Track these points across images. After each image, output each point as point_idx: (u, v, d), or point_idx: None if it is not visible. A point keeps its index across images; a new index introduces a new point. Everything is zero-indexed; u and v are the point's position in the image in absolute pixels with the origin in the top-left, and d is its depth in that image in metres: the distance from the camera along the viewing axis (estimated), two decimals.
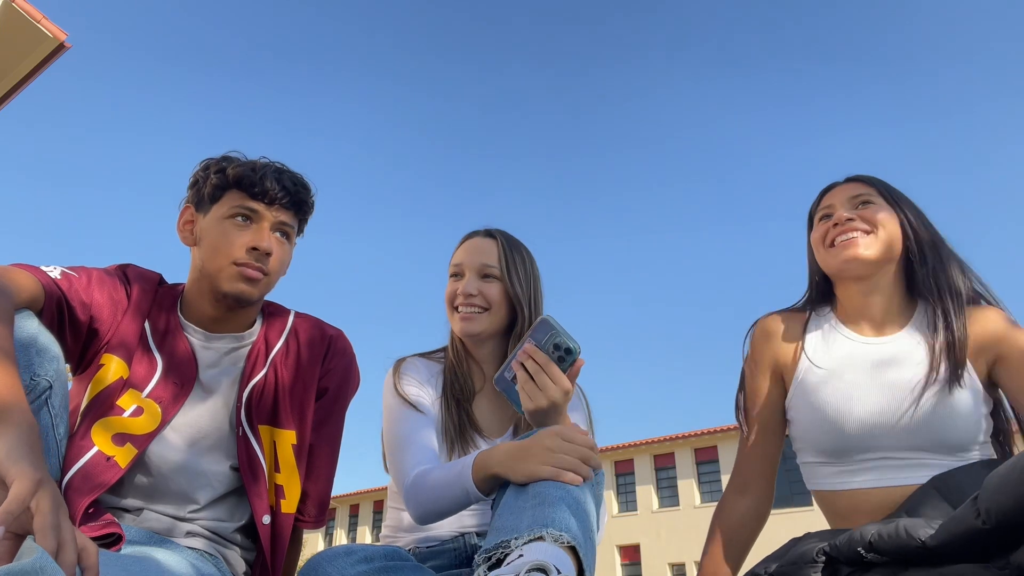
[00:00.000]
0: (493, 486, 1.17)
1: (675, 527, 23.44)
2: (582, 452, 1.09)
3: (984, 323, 1.37)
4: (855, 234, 1.40)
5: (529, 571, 0.85)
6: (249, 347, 1.36)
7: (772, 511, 1.53)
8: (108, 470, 1.16)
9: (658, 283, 48.60)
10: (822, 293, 1.52)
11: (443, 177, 56.77)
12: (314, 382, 1.39)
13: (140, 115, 59.79)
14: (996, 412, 1.38)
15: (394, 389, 1.51)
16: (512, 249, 1.61)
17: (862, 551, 1.05)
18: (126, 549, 1.10)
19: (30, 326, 1.04)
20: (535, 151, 53.12)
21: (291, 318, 1.44)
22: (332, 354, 1.43)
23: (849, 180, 1.52)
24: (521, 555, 0.90)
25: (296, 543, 1.41)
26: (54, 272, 1.17)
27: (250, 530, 1.32)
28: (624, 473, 25.56)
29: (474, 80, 57.46)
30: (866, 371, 1.37)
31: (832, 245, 1.43)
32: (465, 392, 1.55)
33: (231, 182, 1.30)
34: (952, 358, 1.33)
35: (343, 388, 1.45)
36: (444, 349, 1.66)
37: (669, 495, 24.66)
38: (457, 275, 1.59)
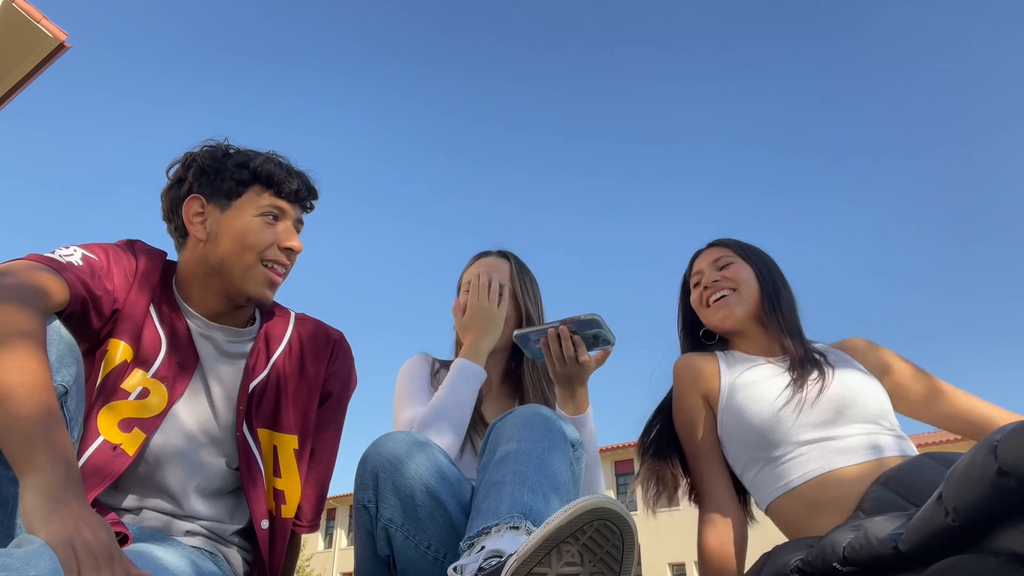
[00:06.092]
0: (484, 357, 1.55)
1: (675, 527, 23.42)
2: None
3: (849, 350, 1.61)
4: (724, 293, 1.60)
5: (488, 558, 0.90)
6: (249, 345, 1.32)
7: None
8: (115, 460, 1.12)
9: (658, 283, 48.66)
10: (707, 339, 1.72)
11: (422, 175, 56.82)
12: (318, 386, 1.36)
13: (140, 115, 59.83)
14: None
15: (419, 361, 1.67)
16: (522, 271, 1.73)
17: (837, 565, 1.05)
18: (125, 548, 1.09)
19: (50, 329, 1.00)
20: (536, 153, 53.14)
21: (292, 319, 1.40)
22: (336, 357, 1.40)
23: (710, 245, 1.73)
24: (484, 547, 0.93)
25: (294, 546, 1.39)
26: (74, 256, 1.12)
27: (249, 533, 1.30)
28: (624, 473, 25.53)
29: (467, 80, 57.49)
30: (770, 370, 1.53)
31: (708, 305, 1.63)
32: None
33: (255, 177, 1.26)
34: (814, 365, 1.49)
35: (345, 392, 1.42)
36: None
37: None
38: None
